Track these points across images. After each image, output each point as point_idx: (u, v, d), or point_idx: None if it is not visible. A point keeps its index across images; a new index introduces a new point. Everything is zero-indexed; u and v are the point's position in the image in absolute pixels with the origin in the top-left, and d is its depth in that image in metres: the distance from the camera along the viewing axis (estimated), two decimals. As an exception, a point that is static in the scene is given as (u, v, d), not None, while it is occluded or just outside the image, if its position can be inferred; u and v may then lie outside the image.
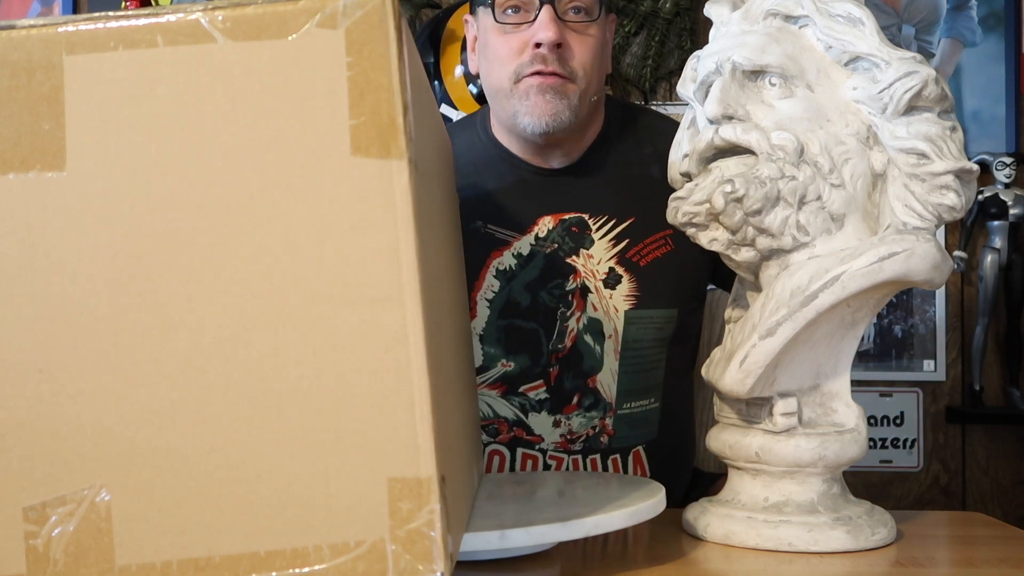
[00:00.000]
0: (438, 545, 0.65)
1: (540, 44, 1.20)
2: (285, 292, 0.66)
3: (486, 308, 1.27)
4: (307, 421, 0.66)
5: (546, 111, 1.22)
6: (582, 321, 1.27)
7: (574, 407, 1.28)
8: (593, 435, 1.29)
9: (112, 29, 0.67)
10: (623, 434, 1.30)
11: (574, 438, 1.28)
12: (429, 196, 0.76)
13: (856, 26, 0.97)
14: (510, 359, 1.28)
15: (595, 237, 1.28)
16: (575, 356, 1.28)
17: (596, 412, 1.28)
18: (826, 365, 1.01)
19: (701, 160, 1.00)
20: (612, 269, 1.27)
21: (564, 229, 1.28)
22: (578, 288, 1.27)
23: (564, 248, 1.28)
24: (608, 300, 1.27)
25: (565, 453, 1.28)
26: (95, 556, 0.66)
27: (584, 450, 1.29)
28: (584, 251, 1.28)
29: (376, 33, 0.65)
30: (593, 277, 1.27)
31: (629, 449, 1.30)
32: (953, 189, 0.96)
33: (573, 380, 1.28)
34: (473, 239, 1.26)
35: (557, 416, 1.28)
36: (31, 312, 0.67)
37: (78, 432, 0.67)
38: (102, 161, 0.67)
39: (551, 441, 1.28)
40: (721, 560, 0.95)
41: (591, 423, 1.28)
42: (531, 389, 1.28)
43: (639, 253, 1.28)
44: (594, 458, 1.29)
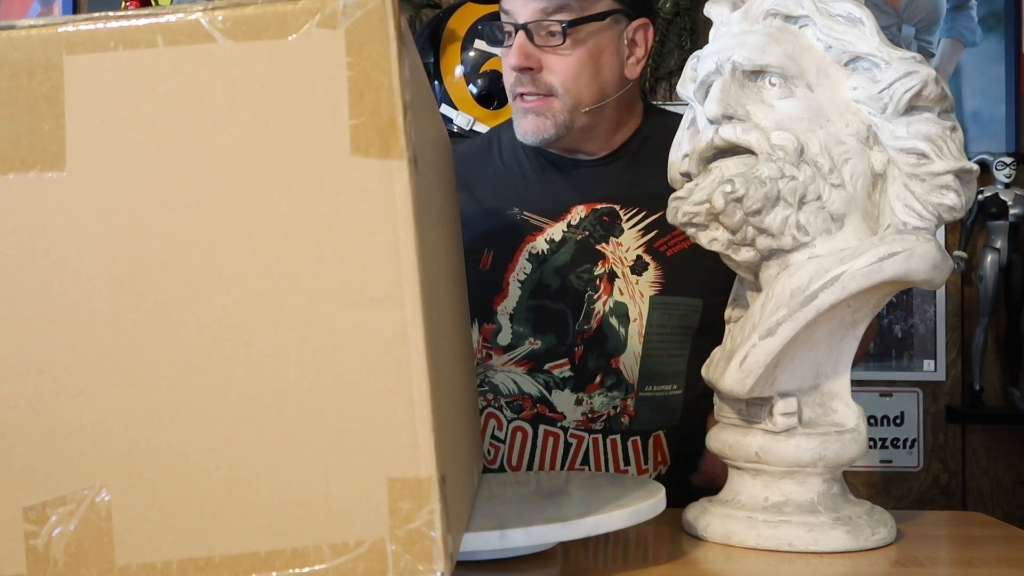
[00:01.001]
0: (438, 545, 0.65)
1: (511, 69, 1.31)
2: (285, 292, 0.66)
3: (518, 289, 1.34)
4: (307, 421, 0.66)
5: (529, 129, 1.32)
6: (608, 304, 1.33)
7: (596, 386, 1.33)
8: (614, 415, 1.33)
9: (112, 29, 0.67)
10: (644, 417, 1.34)
11: (595, 417, 1.33)
12: (429, 196, 0.76)
13: (856, 26, 0.97)
14: (538, 337, 1.33)
15: (625, 227, 1.35)
16: (600, 337, 1.33)
17: (618, 392, 1.33)
18: (826, 365, 1.01)
19: (701, 160, 1.00)
20: (640, 257, 1.34)
21: (596, 218, 1.35)
22: (606, 273, 1.33)
23: (595, 235, 1.35)
24: (635, 285, 1.33)
25: (586, 432, 1.33)
26: (95, 556, 0.66)
27: (605, 430, 1.33)
28: (614, 239, 1.35)
29: (376, 33, 0.65)
30: (621, 264, 1.33)
31: (650, 433, 1.34)
32: (953, 189, 0.96)
33: (597, 360, 1.33)
34: (509, 224, 1.34)
35: (579, 395, 1.33)
36: (31, 312, 0.67)
37: (78, 432, 0.67)
38: (102, 161, 0.67)
39: (572, 419, 1.33)
40: (721, 560, 0.95)
41: (612, 403, 1.33)
42: (556, 367, 1.33)
43: (666, 244, 1.34)
44: (614, 439, 1.33)
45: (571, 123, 1.32)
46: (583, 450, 1.33)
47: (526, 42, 1.29)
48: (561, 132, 1.32)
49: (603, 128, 1.36)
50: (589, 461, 1.33)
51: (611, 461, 1.33)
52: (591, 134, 1.36)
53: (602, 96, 1.33)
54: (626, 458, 1.33)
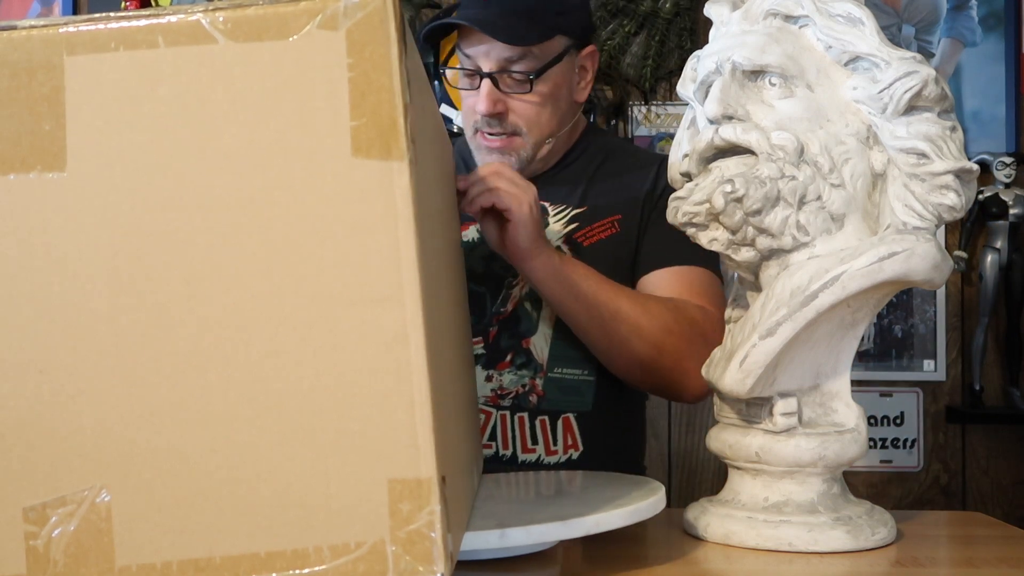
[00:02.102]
0: (438, 546, 0.65)
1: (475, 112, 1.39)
2: (285, 292, 0.66)
3: None
4: (307, 421, 0.66)
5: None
6: (524, 289, 1.39)
7: (507, 364, 1.38)
8: (522, 393, 1.38)
9: (113, 30, 0.67)
10: (553, 397, 1.38)
11: (504, 394, 1.37)
12: (429, 196, 0.76)
13: (856, 26, 0.97)
14: None
15: (551, 220, 1.42)
16: (513, 319, 1.39)
17: (527, 371, 1.38)
18: (826, 365, 1.01)
19: (701, 160, 1.00)
20: (558, 247, 1.38)
21: None
22: None
23: None
24: None
25: (494, 408, 1.37)
26: (95, 556, 0.66)
27: (513, 407, 1.37)
28: None
29: (377, 34, 0.65)
30: None
31: (558, 414, 1.38)
32: (953, 189, 0.96)
33: (509, 340, 1.38)
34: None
35: (490, 372, 1.38)
36: (31, 312, 0.67)
37: (78, 432, 0.67)
38: (102, 161, 0.67)
39: (482, 395, 1.37)
40: (721, 560, 0.96)
41: (521, 381, 1.38)
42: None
43: (585, 235, 1.41)
44: (522, 416, 1.37)
45: (533, 157, 1.41)
46: (491, 426, 1.37)
47: (493, 89, 1.36)
48: (524, 166, 1.40)
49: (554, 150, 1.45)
50: (496, 437, 1.37)
51: (518, 439, 1.37)
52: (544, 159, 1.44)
53: (561, 126, 1.43)
54: (534, 437, 1.37)
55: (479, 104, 1.36)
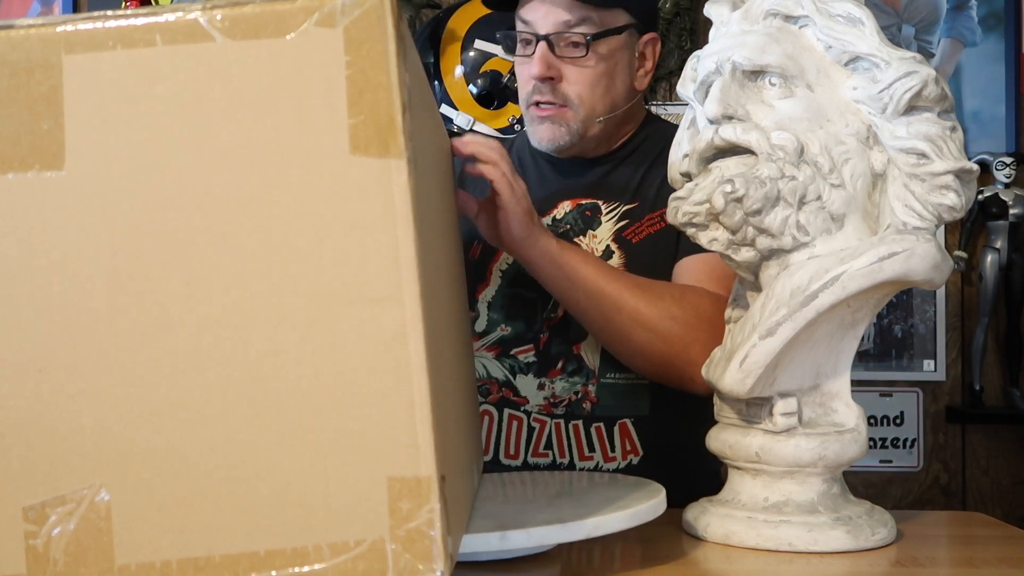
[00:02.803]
0: (438, 544, 0.65)
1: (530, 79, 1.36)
2: (284, 292, 0.66)
3: (499, 278, 1.39)
4: (307, 421, 0.66)
5: (545, 137, 1.38)
6: None
7: (558, 371, 1.36)
8: (575, 400, 1.35)
9: (111, 28, 0.67)
10: (606, 403, 1.35)
11: (557, 402, 1.35)
12: (428, 195, 0.76)
13: (856, 26, 0.97)
14: (508, 324, 1.38)
15: (603, 219, 1.39)
16: (564, 324, 1.36)
17: (579, 378, 1.35)
18: (826, 365, 1.01)
19: (701, 160, 1.00)
20: (608, 247, 1.37)
21: (579, 212, 1.40)
22: None
23: (575, 228, 1.39)
24: None
25: (548, 416, 1.36)
26: (95, 556, 0.66)
27: (567, 415, 1.35)
28: (591, 232, 1.39)
29: (375, 32, 0.65)
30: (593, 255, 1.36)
31: (614, 420, 1.35)
32: (953, 189, 0.96)
33: (560, 346, 1.36)
34: None
35: (542, 379, 1.36)
36: (31, 312, 0.67)
37: (78, 432, 0.67)
38: (101, 161, 0.67)
39: (535, 403, 1.36)
40: (721, 560, 0.95)
41: (574, 388, 1.35)
42: (521, 352, 1.37)
43: (635, 231, 1.38)
44: (576, 424, 1.35)
45: (584, 132, 1.37)
46: (546, 434, 1.35)
47: (548, 52, 1.33)
48: (575, 140, 1.37)
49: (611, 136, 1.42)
50: (552, 446, 1.35)
51: (575, 447, 1.35)
52: (599, 142, 1.41)
53: (613, 108, 1.39)
54: (590, 444, 1.34)
55: (532, 67, 1.34)
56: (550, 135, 1.37)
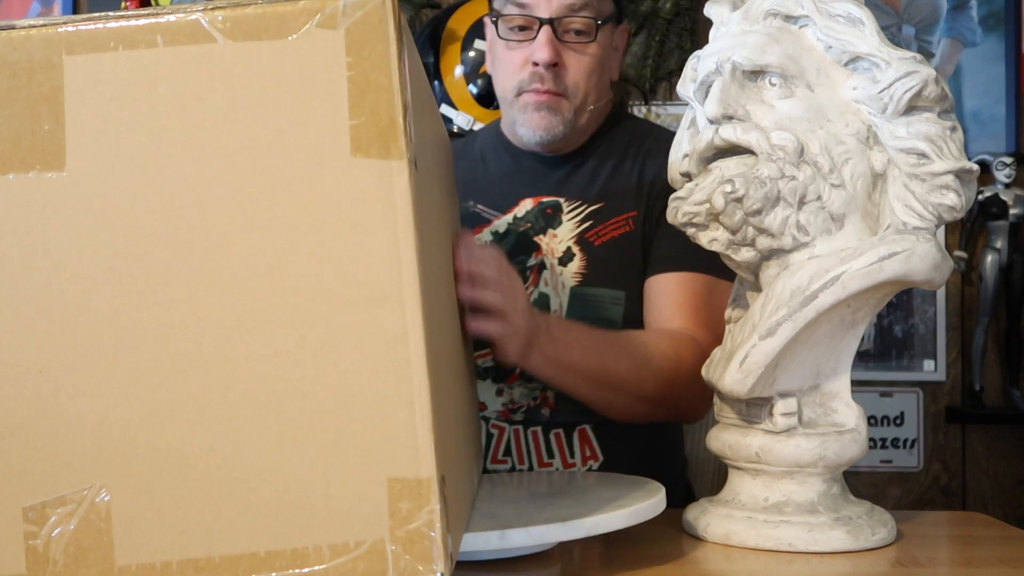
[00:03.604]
0: (438, 545, 0.65)
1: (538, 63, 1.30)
2: (285, 292, 0.66)
3: None
4: (307, 421, 0.66)
5: (540, 126, 1.33)
6: (533, 296, 1.33)
7: (516, 377, 1.32)
8: (534, 407, 1.32)
9: (112, 29, 0.67)
10: (565, 408, 1.31)
11: (515, 408, 1.32)
12: (429, 196, 0.76)
13: (856, 26, 0.97)
14: None
15: (564, 219, 1.36)
16: None
17: (537, 384, 1.31)
18: (826, 365, 1.01)
19: (701, 160, 1.00)
20: (569, 248, 1.34)
21: (540, 210, 1.36)
22: (537, 264, 1.34)
23: (536, 227, 1.36)
24: (558, 277, 1.34)
25: (507, 423, 1.33)
26: (95, 556, 0.66)
27: (525, 421, 1.32)
28: (551, 231, 1.35)
29: (376, 33, 0.65)
30: (552, 255, 1.34)
31: (573, 425, 1.32)
32: (953, 189, 0.96)
33: None
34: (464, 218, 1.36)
35: (500, 385, 1.33)
36: (31, 312, 0.67)
37: (78, 432, 0.67)
38: (102, 161, 0.67)
39: (494, 409, 1.33)
40: (721, 560, 0.95)
41: (532, 394, 1.32)
42: (480, 356, 1.31)
43: (598, 234, 1.35)
44: (535, 430, 1.32)
45: (575, 123, 1.34)
46: (505, 441, 1.33)
47: (553, 37, 1.30)
48: (567, 131, 1.34)
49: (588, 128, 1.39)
50: (511, 452, 1.32)
51: (534, 453, 1.32)
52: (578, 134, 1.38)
53: (600, 97, 1.37)
54: (549, 451, 1.32)
55: (538, 52, 1.29)
56: (547, 124, 1.32)
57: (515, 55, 1.33)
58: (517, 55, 1.33)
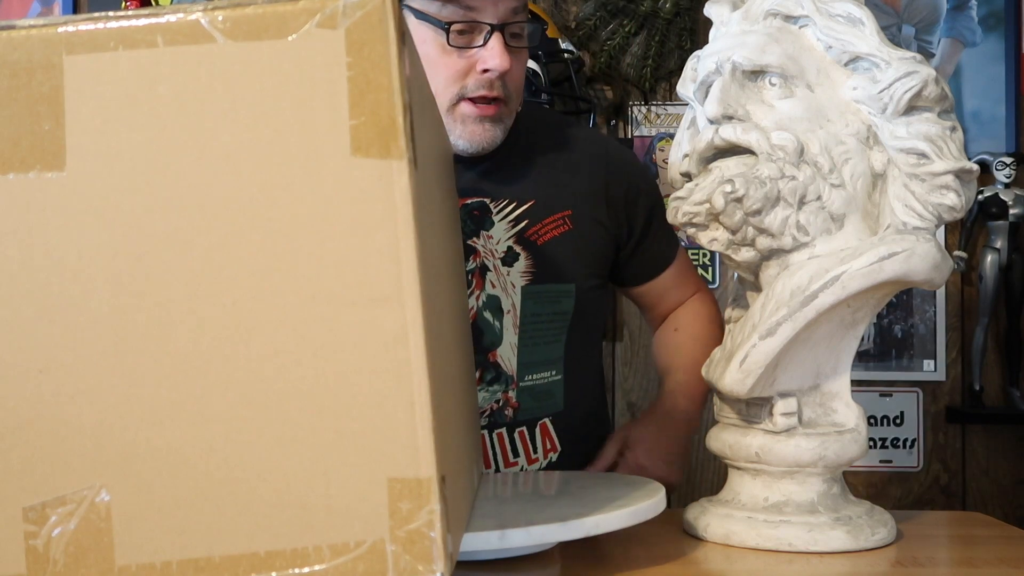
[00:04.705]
0: (438, 545, 0.65)
1: (488, 70, 1.23)
2: (285, 292, 0.66)
3: None
4: (307, 421, 0.66)
5: (484, 139, 1.26)
6: (481, 299, 1.31)
7: (478, 382, 1.30)
8: (497, 409, 1.31)
9: (112, 29, 0.67)
10: (527, 406, 1.32)
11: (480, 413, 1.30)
12: (429, 196, 0.76)
13: (856, 26, 0.97)
14: None
15: (495, 219, 1.32)
16: (476, 333, 1.30)
17: (499, 386, 1.31)
18: (826, 365, 1.01)
19: (701, 160, 1.00)
20: (510, 248, 1.31)
21: (466, 213, 1.31)
22: (477, 268, 1.31)
23: (466, 231, 1.31)
24: (506, 277, 1.31)
25: None
26: (95, 556, 0.66)
27: (490, 425, 1.31)
28: (484, 232, 1.31)
29: (376, 33, 0.65)
30: (492, 256, 1.31)
31: (535, 421, 1.33)
32: (953, 189, 0.96)
33: (476, 356, 1.29)
34: None
35: None
36: (31, 312, 0.67)
37: (78, 432, 0.67)
38: (102, 161, 0.67)
39: None
40: (721, 560, 0.96)
41: (494, 397, 1.31)
42: None
43: (537, 233, 1.32)
44: (500, 432, 1.31)
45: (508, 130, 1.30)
46: None
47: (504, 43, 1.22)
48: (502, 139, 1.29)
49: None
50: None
51: (500, 455, 1.31)
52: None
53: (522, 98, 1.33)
54: (515, 449, 1.32)
55: (491, 59, 1.20)
56: (490, 136, 1.26)
57: (457, 61, 1.23)
58: (460, 61, 1.23)
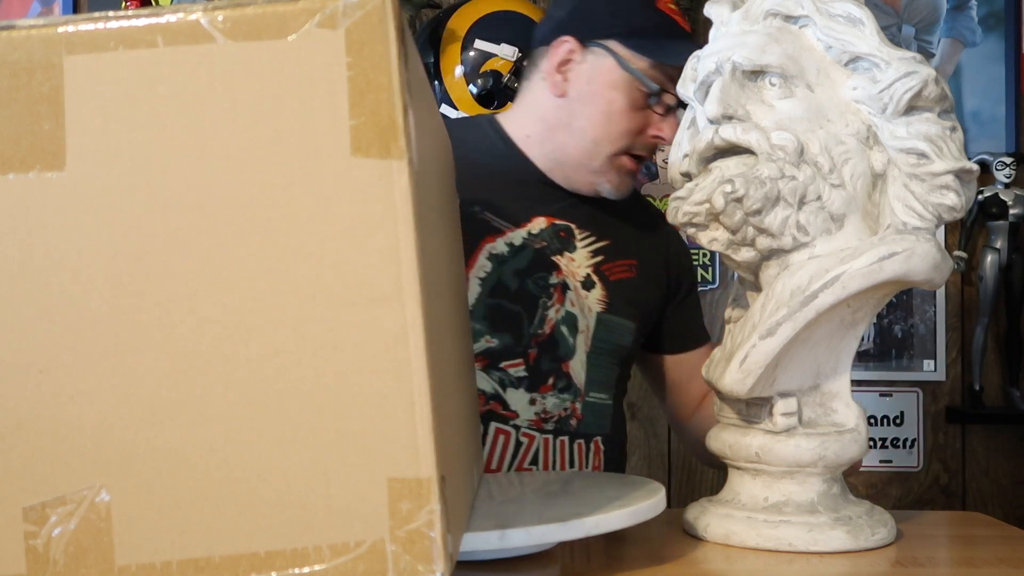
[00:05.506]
0: (438, 545, 0.65)
1: (660, 138, 1.39)
2: (285, 292, 0.66)
3: (478, 286, 1.37)
4: (307, 421, 0.66)
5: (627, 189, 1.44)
6: (560, 313, 1.38)
7: (549, 387, 1.37)
8: (564, 417, 1.37)
9: (112, 29, 0.67)
10: (589, 421, 1.40)
11: (547, 417, 1.37)
12: (429, 196, 0.76)
13: (856, 26, 0.97)
14: (494, 336, 1.37)
15: (578, 245, 1.42)
16: (552, 342, 1.38)
17: (568, 395, 1.38)
18: (826, 365, 1.01)
19: (701, 160, 1.00)
20: (589, 275, 1.41)
21: (554, 231, 1.41)
22: (560, 284, 1.39)
23: (552, 247, 1.40)
24: (584, 300, 1.40)
25: (538, 432, 1.37)
26: (95, 556, 0.66)
27: (555, 431, 1.37)
28: (568, 253, 1.41)
29: (376, 33, 0.65)
30: (573, 277, 1.40)
31: (591, 437, 1.40)
32: (953, 189, 0.96)
33: (549, 363, 1.37)
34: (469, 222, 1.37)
35: (533, 395, 1.37)
36: (31, 312, 0.67)
37: (78, 432, 0.67)
38: (102, 161, 0.67)
39: (526, 418, 1.36)
40: (721, 560, 0.96)
41: (563, 404, 1.37)
42: (511, 366, 1.36)
43: (610, 270, 1.43)
44: (563, 440, 1.37)
45: None
46: (533, 449, 1.36)
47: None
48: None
49: None
50: (538, 460, 1.37)
51: (558, 462, 1.37)
52: None
53: None
54: (571, 460, 1.38)
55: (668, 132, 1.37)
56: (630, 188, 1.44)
57: (638, 118, 1.38)
58: (640, 120, 1.38)
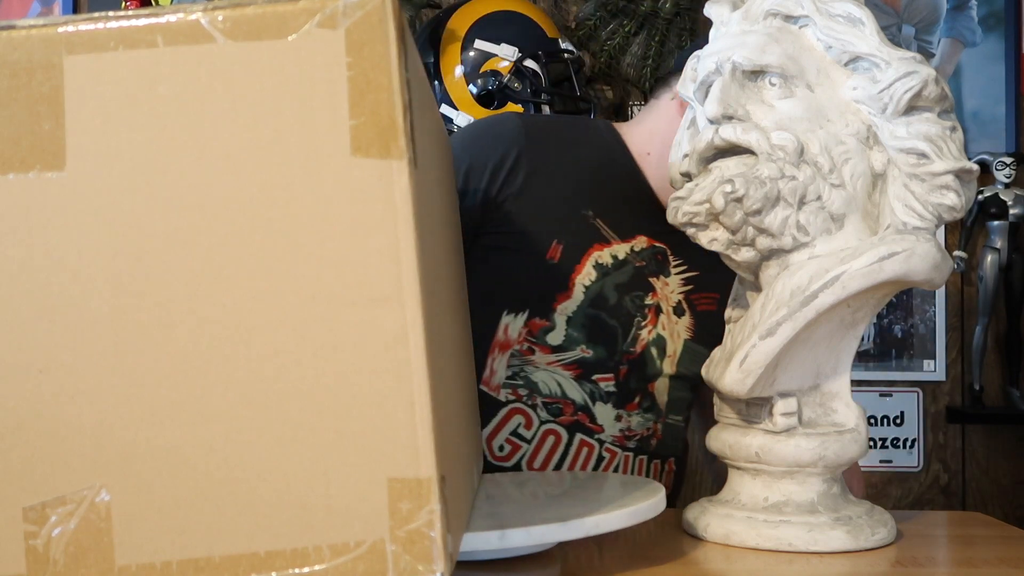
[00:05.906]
0: (438, 545, 0.65)
1: None
2: (285, 292, 0.66)
3: (582, 293, 1.36)
4: (307, 421, 0.66)
5: None
6: (652, 335, 1.39)
7: (635, 406, 1.37)
8: (646, 436, 1.39)
9: (112, 29, 0.67)
10: (667, 442, 1.41)
11: (631, 435, 1.37)
12: (429, 196, 0.76)
13: (856, 26, 0.97)
14: (589, 347, 1.36)
15: (672, 271, 1.42)
16: (641, 361, 1.38)
17: (651, 415, 1.39)
18: (826, 365, 1.01)
19: (701, 160, 1.00)
20: (680, 302, 1.41)
21: (652, 253, 1.40)
22: (654, 306, 1.39)
23: (649, 268, 1.40)
24: (674, 325, 1.41)
25: (620, 448, 1.37)
26: (95, 556, 0.66)
27: (636, 449, 1.38)
28: (663, 277, 1.41)
29: (376, 33, 0.65)
30: (666, 302, 1.40)
31: (666, 458, 1.42)
32: (953, 189, 0.96)
33: (637, 382, 1.37)
34: (580, 224, 1.38)
35: (620, 411, 1.37)
36: (31, 312, 0.67)
37: (78, 432, 0.67)
38: (102, 161, 0.67)
39: (610, 434, 1.36)
40: (721, 560, 0.95)
41: (647, 424, 1.38)
42: (603, 379, 1.36)
43: (698, 300, 1.43)
44: (643, 459, 1.39)
45: None
46: (615, 465, 1.37)
47: None
48: None
49: None
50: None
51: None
52: None
53: None
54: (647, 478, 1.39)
55: None
56: None
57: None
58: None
